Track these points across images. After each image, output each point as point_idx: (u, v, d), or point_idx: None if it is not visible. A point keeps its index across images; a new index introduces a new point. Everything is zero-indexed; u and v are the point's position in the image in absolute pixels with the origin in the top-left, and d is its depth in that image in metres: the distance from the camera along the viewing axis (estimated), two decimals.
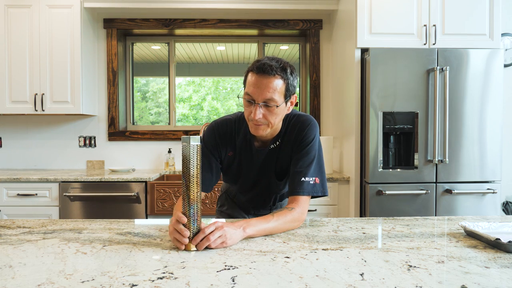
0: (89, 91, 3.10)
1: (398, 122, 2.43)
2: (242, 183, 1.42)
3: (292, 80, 1.18)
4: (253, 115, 1.15)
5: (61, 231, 1.14)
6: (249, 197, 1.46)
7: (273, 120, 1.18)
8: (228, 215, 1.53)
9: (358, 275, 0.78)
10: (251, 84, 1.15)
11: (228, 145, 1.34)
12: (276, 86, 1.14)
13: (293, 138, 1.28)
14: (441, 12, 2.52)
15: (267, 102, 1.15)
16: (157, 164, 3.29)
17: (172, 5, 3.00)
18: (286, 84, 1.16)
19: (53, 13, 2.86)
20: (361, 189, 2.57)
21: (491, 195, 2.46)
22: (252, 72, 1.16)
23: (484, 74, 2.45)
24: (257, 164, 1.35)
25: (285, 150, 1.31)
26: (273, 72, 1.13)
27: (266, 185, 1.39)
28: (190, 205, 0.97)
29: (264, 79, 1.13)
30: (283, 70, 1.15)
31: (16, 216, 2.60)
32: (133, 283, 0.73)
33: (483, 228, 1.10)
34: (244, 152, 1.34)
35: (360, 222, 1.27)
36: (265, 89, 1.13)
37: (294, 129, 1.28)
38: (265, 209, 1.50)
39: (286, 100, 1.19)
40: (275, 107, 1.16)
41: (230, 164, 1.37)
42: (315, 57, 3.30)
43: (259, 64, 1.14)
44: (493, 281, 0.75)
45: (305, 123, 1.28)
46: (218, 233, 0.96)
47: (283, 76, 1.15)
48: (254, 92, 1.15)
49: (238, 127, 1.33)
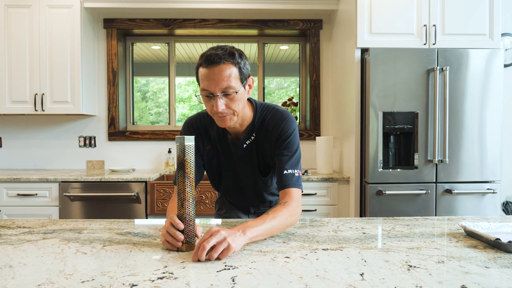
0: (89, 91, 3.10)
1: (398, 122, 2.43)
2: (226, 181, 1.41)
3: (243, 64, 1.16)
4: (216, 108, 1.14)
5: (61, 231, 1.14)
6: (241, 195, 1.45)
7: (237, 107, 1.17)
8: (226, 218, 1.51)
9: (358, 275, 0.78)
10: (204, 78, 1.13)
11: (204, 138, 1.34)
12: (229, 73, 1.12)
13: (273, 133, 1.26)
14: (441, 12, 2.52)
15: (226, 91, 1.13)
16: (157, 164, 3.29)
17: (172, 5, 3.00)
18: (238, 69, 1.15)
19: (53, 13, 2.86)
20: (361, 189, 2.57)
21: (491, 195, 2.46)
22: (202, 67, 1.14)
23: (484, 74, 2.45)
24: (236, 160, 1.34)
25: (265, 145, 1.30)
26: (222, 60, 1.11)
27: (253, 182, 1.38)
28: (184, 206, 0.96)
29: (215, 69, 1.11)
30: (231, 56, 1.13)
31: (16, 216, 2.60)
32: (133, 283, 0.73)
33: (483, 228, 1.10)
34: (220, 146, 1.34)
35: (360, 222, 1.27)
36: (219, 79, 1.11)
37: (271, 123, 1.27)
38: (264, 206, 1.48)
39: (244, 84, 1.18)
40: (235, 94, 1.14)
41: (211, 159, 1.37)
42: (315, 57, 3.30)
43: (205, 57, 1.12)
44: (493, 281, 0.75)
45: (282, 117, 1.27)
46: (221, 247, 0.87)
47: (232, 61, 1.13)
48: (209, 85, 1.13)
49: (210, 120, 1.33)
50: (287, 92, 4.05)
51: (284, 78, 4.23)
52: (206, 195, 2.62)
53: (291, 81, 4.14)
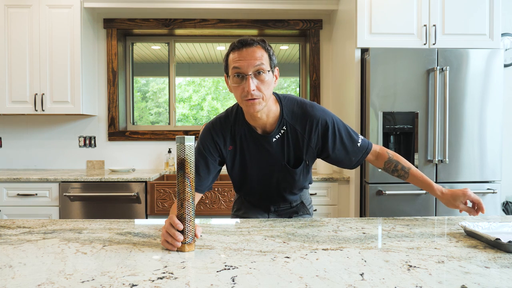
0: (89, 91, 3.10)
1: (398, 122, 2.43)
2: (252, 179, 1.37)
3: (272, 53, 1.21)
4: (247, 88, 1.14)
5: (61, 231, 1.14)
6: (265, 193, 1.41)
7: (266, 91, 1.18)
8: (245, 218, 1.47)
9: (358, 275, 0.78)
10: (237, 58, 1.16)
11: (227, 139, 1.31)
12: (261, 55, 1.16)
13: (308, 130, 1.28)
14: (441, 12, 2.52)
15: (258, 69, 1.15)
16: (157, 164, 3.29)
17: (172, 5, 3.00)
18: (268, 54, 1.19)
19: (53, 13, 2.86)
20: (361, 189, 2.57)
21: (491, 195, 2.46)
22: (234, 50, 1.18)
23: (484, 74, 2.45)
24: (264, 154, 1.31)
25: (298, 140, 1.29)
26: (255, 43, 1.16)
27: (280, 177, 1.35)
28: (184, 206, 0.96)
29: (248, 49, 1.15)
30: (263, 41, 1.19)
31: (16, 216, 2.61)
32: (133, 283, 0.73)
33: (483, 228, 1.10)
34: (246, 143, 1.31)
35: (360, 222, 1.27)
36: (252, 57, 1.15)
37: (305, 119, 1.28)
38: (285, 204, 1.46)
39: (272, 70, 1.21)
40: (265, 75, 1.16)
41: (233, 159, 1.34)
42: (315, 57, 3.30)
43: (238, 41, 1.17)
44: (493, 281, 0.75)
45: (313, 109, 1.29)
46: None
47: (264, 47, 1.18)
48: (242, 64, 1.15)
49: (234, 119, 1.32)
50: (287, 92, 4.05)
51: (284, 78, 4.23)
52: (206, 195, 2.62)
53: (291, 81, 4.15)
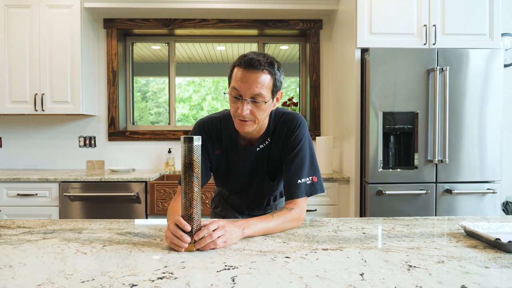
0: (89, 91, 3.10)
1: (398, 122, 2.43)
2: (233, 184, 1.40)
3: (279, 76, 1.16)
4: (240, 111, 1.13)
5: (61, 231, 1.14)
6: (243, 198, 1.44)
7: (260, 116, 1.16)
8: (222, 216, 1.51)
9: (358, 275, 0.78)
10: (238, 79, 1.12)
11: (215, 143, 1.32)
12: (264, 81, 1.12)
13: (283, 138, 1.26)
14: (441, 12, 2.52)
15: (255, 98, 1.12)
16: (157, 164, 3.29)
17: (172, 5, 3.00)
18: (273, 80, 1.14)
19: (53, 13, 2.86)
20: (361, 189, 2.57)
21: (491, 195, 2.46)
22: (239, 67, 1.13)
23: (484, 74, 2.45)
24: (246, 164, 1.32)
25: (276, 150, 1.29)
26: (261, 67, 1.10)
27: (259, 186, 1.37)
28: (192, 206, 0.95)
29: (252, 74, 1.11)
30: (270, 65, 1.13)
31: (16, 216, 2.60)
32: (133, 283, 0.73)
33: (483, 228, 1.10)
34: (231, 151, 1.32)
35: (360, 222, 1.27)
36: (253, 84, 1.11)
37: (283, 129, 1.26)
38: (259, 210, 1.48)
39: (273, 96, 1.17)
40: (263, 103, 1.14)
41: (219, 163, 1.35)
42: (315, 57, 3.30)
43: (246, 59, 1.11)
44: (493, 281, 0.75)
45: (293, 122, 1.26)
46: (220, 231, 0.96)
47: (270, 71, 1.13)
48: (241, 87, 1.12)
49: (224, 125, 1.31)
50: (287, 92, 4.05)
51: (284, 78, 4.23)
52: (206, 195, 2.62)
53: (291, 81, 4.14)
